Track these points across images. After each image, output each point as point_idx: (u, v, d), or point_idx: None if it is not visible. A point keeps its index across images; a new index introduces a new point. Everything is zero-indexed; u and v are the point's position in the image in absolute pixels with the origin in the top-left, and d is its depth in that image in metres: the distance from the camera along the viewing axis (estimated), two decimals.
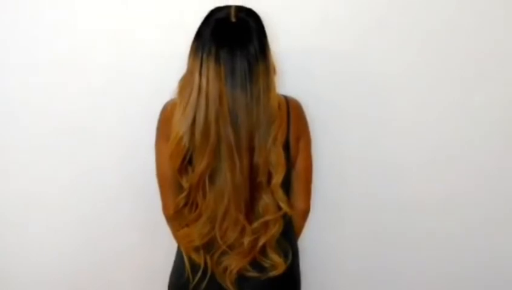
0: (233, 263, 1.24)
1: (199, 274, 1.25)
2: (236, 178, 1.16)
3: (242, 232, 1.21)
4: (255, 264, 1.26)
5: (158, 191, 1.32)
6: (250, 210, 1.20)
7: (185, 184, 1.20)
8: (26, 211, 1.60)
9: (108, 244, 1.65)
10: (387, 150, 1.62)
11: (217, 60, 1.11)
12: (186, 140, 1.15)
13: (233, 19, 1.13)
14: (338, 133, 1.59)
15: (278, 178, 1.19)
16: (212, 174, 1.17)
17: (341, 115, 1.58)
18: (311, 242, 1.63)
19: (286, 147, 1.23)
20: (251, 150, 1.15)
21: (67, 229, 1.63)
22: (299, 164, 1.29)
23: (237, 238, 1.21)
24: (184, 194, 1.21)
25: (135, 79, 1.51)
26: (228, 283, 1.25)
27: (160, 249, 1.58)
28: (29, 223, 1.61)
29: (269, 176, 1.19)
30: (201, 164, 1.16)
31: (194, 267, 1.26)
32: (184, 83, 1.16)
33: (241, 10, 1.15)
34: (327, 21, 1.50)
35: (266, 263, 1.26)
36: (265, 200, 1.21)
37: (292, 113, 1.24)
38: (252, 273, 1.26)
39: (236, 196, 1.17)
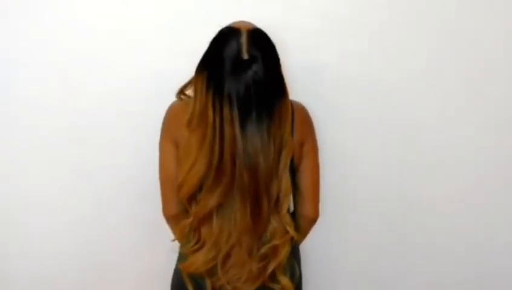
0: (242, 289, 1.23)
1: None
2: (246, 221, 1.14)
3: (247, 269, 1.20)
4: (264, 287, 1.24)
5: (158, 191, 1.32)
6: (259, 237, 1.19)
7: (192, 210, 1.19)
8: (26, 211, 1.60)
9: (108, 245, 1.65)
10: (388, 151, 1.62)
11: (231, 103, 1.07)
12: (200, 179, 1.14)
13: (245, 56, 1.07)
14: (339, 134, 1.59)
15: (286, 203, 1.18)
16: (220, 208, 1.16)
17: (343, 116, 1.58)
18: (313, 244, 1.63)
19: None
20: (267, 189, 1.13)
21: (67, 229, 1.62)
22: (306, 170, 1.26)
23: (242, 273, 1.20)
24: (189, 221, 1.20)
25: (135, 79, 1.51)
26: None
27: (160, 249, 1.58)
28: (29, 223, 1.61)
29: (277, 201, 1.17)
30: (210, 200, 1.14)
31: (198, 287, 1.25)
32: (195, 115, 1.12)
33: (253, 41, 1.08)
34: (329, 22, 1.50)
35: (275, 287, 1.24)
36: (273, 224, 1.19)
37: (296, 117, 1.22)
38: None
39: (246, 236, 1.17)
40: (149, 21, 1.48)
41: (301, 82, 1.49)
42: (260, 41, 1.10)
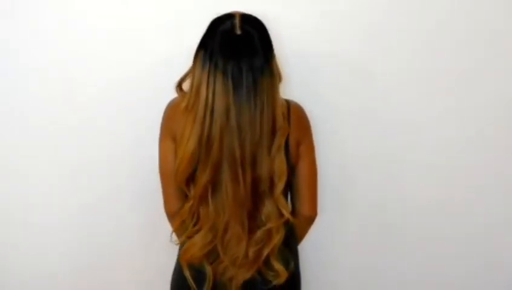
0: (238, 276, 1.24)
1: (202, 282, 1.25)
2: (239, 192, 1.16)
3: (244, 245, 1.21)
4: (259, 275, 1.25)
5: (158, 191, 1.32)
6: (253, 219, 1.20)
7: (191, 194, 1.21)
8: (25, 211, 1.60)
9: (108, 245, 1.65)
10: (387, 150, 1.62)
11: (225, 74, 1.10)
12: (195, 158, 1.16)
13: (238, 31, 1.12)
14: (338, 132, 1.59)
15: (280, 186, 1.19)
16: (215, 186, 1.18)
17: (342, 114, 1.58)
18: (312, 245, 1.62)
19: (285, 151, 1.22)
20: (254, 162, 1.15)
21: (67, 229, 1.62)
22: (303, 170, 1.28)
23: (239, 251, 1.21)
24: (189, 204, 1.21)
25: (135, 79, 1.51)
26: None
27: (160, 249, 1.58)
28: (29, 223, 1.61)
29: (271, 183, 1.19)
30: (203, 177, 1.16)
31: (196, 275, 1.25)
32: (192, 96, 1.15)
33: (246, 21, 1.14)
34: (328, 20, 1.50)
35: (269, 275, 1.25)
36: (268, 207, 1.20)
37: (293, 116, 1.23)
38: (256, 282, 1.25)
39: (238, 210, 1.18)
40: (149, 21, 1.48)
41: (299, 81, 1.49)
42: (251, 20, 1.16)
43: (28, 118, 1.52)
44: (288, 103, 1.24)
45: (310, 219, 1.35)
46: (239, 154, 1.13)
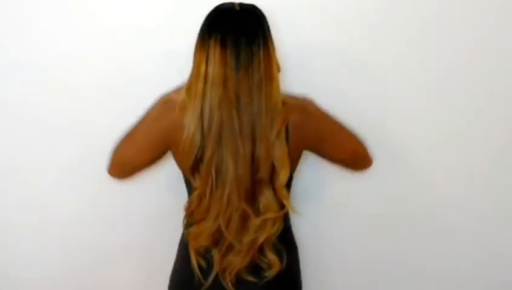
0: (234, 262, 1.23)
1: (204, 273, 1.25)
2: (239, 167, 1.15)
3: (245, 220, 1.19)
4: (253, 269, 1.25)
5: (159, 191, 1.30)
6: (252, 205, 1.19)
7: (197, 183, 1.20)
8: (24, 211, 1.60)
9: (107, 245, 1.65)
10: (387, 147, 1.61)
11: (223, 45, 1.12)
12: (198, 137, 1.15)
13: (237, 8, 1.16)
14: None
15: (283, 175, 1.18)
16: (218, 167, 1.16)
17: (341, 112, 1.57)
18: (313, 243, 1.62)
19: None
20: (253, 139, 1.15)
21: (66, 229, 1.62)
22: (335, 146, 1.32)
23: (240, 225, 1.20)
24: (197, 193, 1.20)
25: (135, 78, 1.51)
26: (228, 281, 1.25)
27: (160, 249, 1.57)
28: (28, 222, 1.61)
29: (272, 172, 1.17)
30: (207, 153, 1.15)
31: (200, 266, 1.26)
32: (191, 81, 1.16)
33: (245, 4, 1.18)
34: (328, 15, 1.49)
35: (263, 264, 1.25)
36: (267, 197, 1.19)
37: (291, 125, 1.20)
38: (251, 278, 1.25)
39: (238, 184, 1.16)
40: (149, 20, 1.48)
41: (298, 78, 1.49)
42: (251, 4, 1.19)
43: (28, 118, 1.52)
44: (286, 106, 1.19)
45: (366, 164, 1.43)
46: (238, 125, 1.13)
